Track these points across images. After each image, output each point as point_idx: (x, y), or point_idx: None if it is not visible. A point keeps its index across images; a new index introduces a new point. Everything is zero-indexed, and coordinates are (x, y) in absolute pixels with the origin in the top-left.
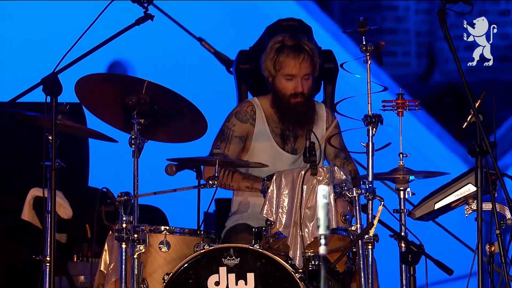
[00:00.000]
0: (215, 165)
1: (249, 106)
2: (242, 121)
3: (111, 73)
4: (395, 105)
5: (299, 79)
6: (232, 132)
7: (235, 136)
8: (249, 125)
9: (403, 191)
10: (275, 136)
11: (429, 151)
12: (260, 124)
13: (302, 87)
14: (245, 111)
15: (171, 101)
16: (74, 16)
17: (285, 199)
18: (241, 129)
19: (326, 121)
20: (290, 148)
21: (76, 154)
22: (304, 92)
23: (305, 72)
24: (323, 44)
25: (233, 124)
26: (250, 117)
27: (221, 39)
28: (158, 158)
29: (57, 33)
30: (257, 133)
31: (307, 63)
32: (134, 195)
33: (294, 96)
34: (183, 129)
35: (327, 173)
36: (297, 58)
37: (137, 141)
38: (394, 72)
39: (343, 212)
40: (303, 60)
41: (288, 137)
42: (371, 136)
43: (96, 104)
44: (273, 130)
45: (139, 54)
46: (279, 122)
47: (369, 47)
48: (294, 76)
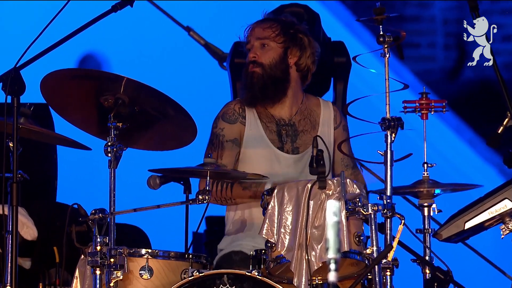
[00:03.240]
0: (206, 177)
1: (237, 104)
2: (230, 122)
3: (83, 69)
4: (418, 106)
5: (253, 44)
6: (222, 137)
7: (226, 141)
8: (239, 124)
9: (427, 207)
10: (269, 134)
11: (458, 160)
12: (251, 123)
13: (255, 54)
14: (232, 111)
15: (154, 101)
16: (40, 4)
17: (288, 217)
18: (232, 132)
19: (334, 120)
20: (289, 147)
21: (41, 164)
22: (261, 61)
23: (257, 35)
24: (333, 34)
25: (221, 128)
26: (239, 115)
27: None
28: (139, 168)
29: (19, 22)
30: (248, 134)
31: (264, 26)
32: (111, 213)
33: (249, 64)
34: (168, 134)
35: (337, 186)
36: (251, 25)
37: (114, 148)
38: (417, 68)
39: (356, 233)
40: (260, 23)
41: (285, 132)
42: (390, 143)
43: (66, 105)
44: (267, 127)
45: (116, 46)
46: (272, 114)
47: (387, 38)
48: (249, 43)
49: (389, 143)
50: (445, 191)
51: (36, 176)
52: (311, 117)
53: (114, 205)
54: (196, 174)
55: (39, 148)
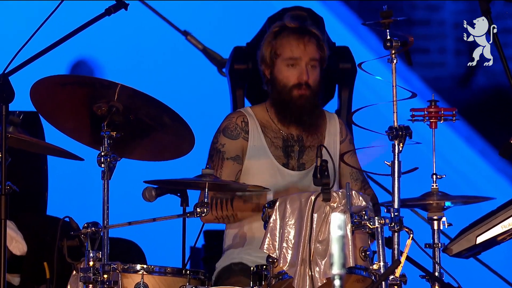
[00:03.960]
0: (204, 189)
1: (239, 117)
2: (232, 137)
3: (75, 75)
4: (427, 115)
5: (303, 64)
6: (222, 154)
7: (227, 159)
8: (241, 140)
9: (437, 221)
10: (274, 150)
11: (469, 171)
12: (255, 137)
13: (307, 75)
14: (234, 125)
15: (149, 109)
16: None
17: (291, 231)
18: (233, 148)
19: (339, 134)
20: (295, 163)
21: (31, 175)
22: (310, 83)
23: (311, 55)
24: (337, 39)
25: (222, 144)
26: (242, 129)
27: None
28: (134, 180)
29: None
30: (251, 149)
31: (313, 45)
32: (104, 226)
33: (298, 87)
34: (164, 144)
35: (342, 198)
36: (300, 38)
37: (108, 159)
38: (426, 74)
39: (362, 247)
40: (308, 42)
41: (292, 148)
42: (397, 153)
43: (57, 114)
44: (272, 143)
45: (109, 51)
46: (280, 129)
47: (394, 42)
48: (297, 60)
49: (397, 154)
50: (456, 203)
51: (26, 188)
52: (318, 132)
53: (107, 218)
54: (194, 186)
55: (29, 159)
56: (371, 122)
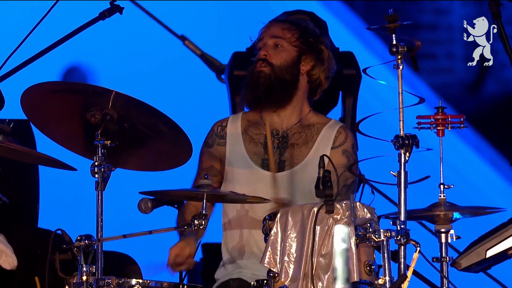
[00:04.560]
0: (202, 200)
1: (218, 122)
2: (208, 146)
3: (67, 82)
4: (434, 122)
5: (266, 42)
6: (200, 163)
7: (202, 169)
8: (215, 148)
9: (445, 233)
10: (254, 147)
11: (478, 181)
12: (233, 139)
13: (268, 53)
14: (211, 132)
15: (145, 117)
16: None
17: (293, 244)
18: (208, 158)
19: (333, 140)
20: (276, 159)
21: (22, 186)
22: (271, 61)
23: (274, 33)
24: (341, 44)
25: (201, 153)
26: (216, 135)
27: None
28: (129, 191)
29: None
30: (229, 153)
31: (283, 27)
32: (98, 239)
33: (256, 64)
34: (161, 153)
35: (346, 210)
36: (267, 23)
37: (102, 169)
38: (433, 81)
39: (367, 261)
40: (278, 22)
41: (275, 143)
42: (404, 163)
43: (49, 122)
44: (252, 140)
45: (103, 57)
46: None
47: (401, 47)
48: (262, 41)
49: (403, 163)
50: (464, 215)
51: (16, 199)
52: (309, 132)
53: (101, 231)
54: (192, 197)
55: (20, 169)
56: (375, 129)
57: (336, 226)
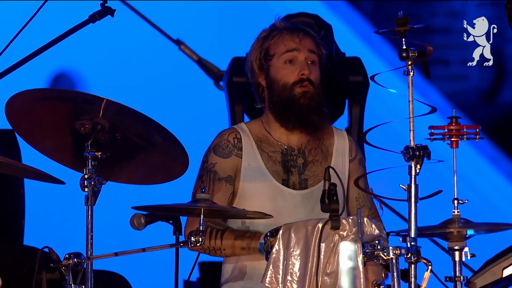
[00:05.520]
0: (200, 215)
1: (231, 134)
2: (223, 156)
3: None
4: (447, 133)
5: (302, 57)
6: (213, 174)
7: (218, 179)
8: (233, 158)
9: (458, 251)
10: (273, 165)
11: (494, 195)
12: (249, 155)
13: (309, 70)
14: (225, 142)
15: (138, 127)
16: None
17: (296, 262)
18: (225, 168)
19: (349, 152)
20: (296, 179)
21: (6, 200)
22: (311, 79)
23: (309, 47)
24: (348, 49)
25: (212, 163)
26: (234, 146)
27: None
28: (121, 206)
29: None
30: (246, 169)
31: (309, 39)
32: (87, 257)
33: (300, 84)
34: (155, 166)
35: (353, 226)
36: (294, 33)
37: (92, 182)
38: (446, 88)
39: (375, 281)
40: (304, 36)
41: (292, 163)
42: (414, 175)
43: (35, 132)
44: (269, 158)
45: (94, 63)
46: (278, 142)
47: (411, 53)
48: (295, 52)
49: (413, 176)
50: (479, 232)
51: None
52: (323, 146)
53: (91, 249)
54: (188, 212)
55: (4, 182)
56: (384, 139)
57: (342, 243)
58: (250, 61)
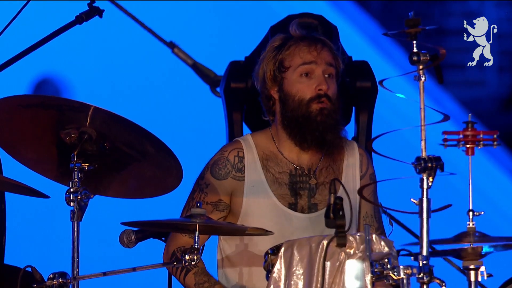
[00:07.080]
0: (194, 231)
1: (233, 151)
2: (218, 177)
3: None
4: (462, 139)
5: (320, 71)
6: (203, 195)
7: (206, 203)
8: (230, 181)
9: (474, 271)
10: (278, 188)
11: None
12: (252, 174)
13: (327, 85)
14: (224, 161)
15: (128, 136)
16: None
17: (299, 282)
18: (218, 190)
19: (359, 167)
20: (305, 203)
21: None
22: (329, 95)
23: (327, 60)
24: (355, 52)
25: (206, 184)
26: (233, 167)
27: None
28: (110, 221)
29: None
30: (249, 189)
31: (327, 51)
32: (73, 277)
33: (317, 100)
34: (147, 178)
35: (360, 243)
36: (312, 45)
37: (78, 196)
38: (461, 94)
39: None
40: (322, 48)
41: (301, 185)
42: (426, 189)
43: (17, 142)
44: (275, 180)
45: (80, 68)
46: (288, 161)
47: (422, 56)
48: (312, 65)
49: (425, 189)
50: (496, 248)
51: None
52: (334, 164)
53: (77, 268)
54: (182, 229)
55: None
56: (393, 148)
57: (349, 261)
58: (263, 71)
